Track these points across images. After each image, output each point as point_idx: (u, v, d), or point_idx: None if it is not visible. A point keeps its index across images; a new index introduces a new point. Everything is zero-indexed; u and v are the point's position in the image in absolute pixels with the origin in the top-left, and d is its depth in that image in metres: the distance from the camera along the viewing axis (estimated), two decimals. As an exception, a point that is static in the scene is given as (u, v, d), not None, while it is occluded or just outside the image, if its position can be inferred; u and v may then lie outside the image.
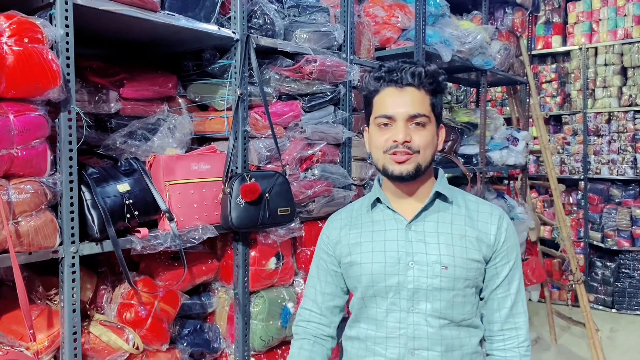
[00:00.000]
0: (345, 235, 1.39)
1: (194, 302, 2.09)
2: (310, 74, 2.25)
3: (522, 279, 1.38)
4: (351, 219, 1.42)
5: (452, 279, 1.28)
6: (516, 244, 1.37)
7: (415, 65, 1.28)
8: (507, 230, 1.35)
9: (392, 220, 1.35)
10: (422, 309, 1.29)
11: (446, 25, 3.14)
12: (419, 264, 1.29)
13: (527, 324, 1.37)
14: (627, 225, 5.54)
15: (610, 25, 5.75)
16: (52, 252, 1.53)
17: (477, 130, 3.61)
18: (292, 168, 2.21)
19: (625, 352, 4.40)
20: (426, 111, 1.28)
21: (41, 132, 1.47)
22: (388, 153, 1.27)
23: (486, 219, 1.34)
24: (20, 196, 1.43)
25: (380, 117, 1.29)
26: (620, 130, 5.68)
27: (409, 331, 1.29)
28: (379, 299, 1.32)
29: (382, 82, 1.30)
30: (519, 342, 1.35)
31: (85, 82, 1.89)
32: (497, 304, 1.35)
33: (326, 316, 1.46)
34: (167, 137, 1.99)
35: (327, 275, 1.45)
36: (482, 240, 1.32)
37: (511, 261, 1.35)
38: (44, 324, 1.56)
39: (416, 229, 1.32)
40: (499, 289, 1.35)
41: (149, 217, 1.82)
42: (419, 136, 1.27)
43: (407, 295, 1.29)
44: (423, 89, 1.28)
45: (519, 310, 1.36)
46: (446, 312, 1.29)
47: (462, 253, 1.29)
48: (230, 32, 2.00)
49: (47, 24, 1.47)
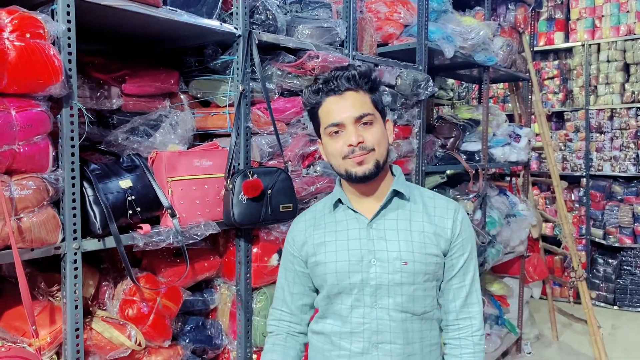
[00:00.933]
0: (310, 236, 1.45)
1: (196, 298, 2.08)
2: (312, 70, 2.24)
3: (476, 270, 1.44)
4: (315, 219, 1.47)
5: (412, 274, 1.34)
6: (471, 236, 1.43)
7: (348, 70, 1.34)
8: (462, 223, 1.41)
9: (353, 220, 1.40)
10: (385, 304, 1.35)
11: (449, 21, 3.13)
12: (381, 260, 1.34)
13: (482, 314, 1.44)
14: (629, 222, 5.53)
15: (613, 21, 5.73)
16: (54, 249, 1.53)
17: (479, 126, 3.61)
18: (294, 164, 2.21)
19: (627, 349, 4.40)
20: (370, 109, 1.34)
21: (43, 128, 1.47)
22: (348, 158, 1.32)
23: (442, 213, 1.40)
24: (23, 192, 1.42)
25: (330, 127, 1.34)
26: (623, 127, 5.66)
27: (373, 326, 1.35)
28: (344, 295, 1.38)
29: (322, 94, 1.36)
30: (473, 331, 1.41)
31: (87, 78, 1.88)
32: (453, 294, 1.42)
33: (296, 315, 1.52)
34: (169, 133, 1.99)
35: (294, 276, 1.50)
36: (439, 235, 1.38)
37: (466, 253, 1.41)
38: (46, 320, 1.56)
39: (377, 227, 1.38)
40: (454, 280, 1.41)
41: (151, 213, 1.81)
42: (370, 134, 1.33)
43: (370, 291, 1.35)
44: (361, 90, 1.35)
45: (473, 301, 1.42)
46: (407, 305, 1.35)
47: (421, 248, 1.35)
48: (233, 27, 1.99)
49: (49, 19, 1.46)
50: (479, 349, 1.41)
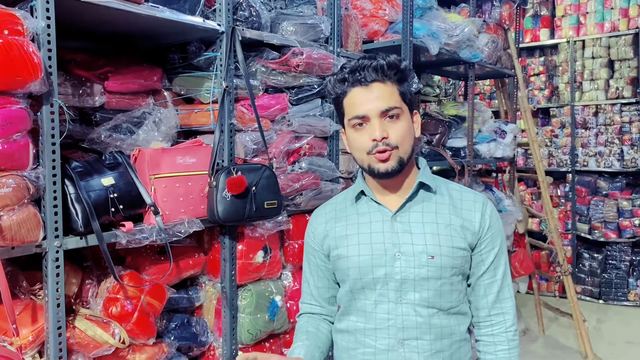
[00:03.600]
0: (332, 229, 1.40)
1: (181, 296, 2.08)
2: (297, 67, 2.24)
3: (507, 264, 1.39)
4: (335, 212, 1.43)
5: (439, 268, 1.29)
6: (500, 230, 1.38)
7: (376, 60, 1.28)
8: (491, 217, 1.36)
9: (377, 212, 1.35)
10: (411, 299, 1.30)
11: (434, 18, 3.14)
12: (406, 254, 1.29)
13: (514, 308, 1.39)
14: (614, 217, 5.59)
15: (598, 18, 5.78)
16: (35, 247, 1.51)
17: (465, 123, 3.62)
18: (279, 161, 2.21)
19: (611, 342, 4.45)
20: (397, 102, 1.28)
21: (23, 126, 1.45)
22: (371, 153, 1.27)
23: (470, 206, 1.35)
24: (2, 190, 1.41)
25: (354, 119, 1.29)
26: (607, 123, 5.72)
27: (398, 322, 1.30)
28: (367, 290, 1.33)
29: (347, 84, 1.30)
30: (507, 327, 1.36)
31: (69, 75, 1.87)
32: (484, 290, 1.36)
33: (325, 307, 1.48)
34: (153, 130, 1.98)
35: (317, 270, 1.46)
36: (466, 228, 1.32)
37: (496, 247, 1.36)
38: (28, 319, 1.55)
39: (401, 219, 1.33)
40: (485, 275, 1.36)
41: (134, 211, 1.80)
42: (395, 130, 1.27)
43: (395, 286, 1.30)
44: (389, 81, 1.28)
45: (506, 296, 1.37)
46: (434, 300, 1.30)
47: (448, 242, 1.30)
48: (216, 24, 1.99)
49: (27, 15, 1.45)
50: (513, 344, 1.37)
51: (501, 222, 1.40)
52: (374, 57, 1.29)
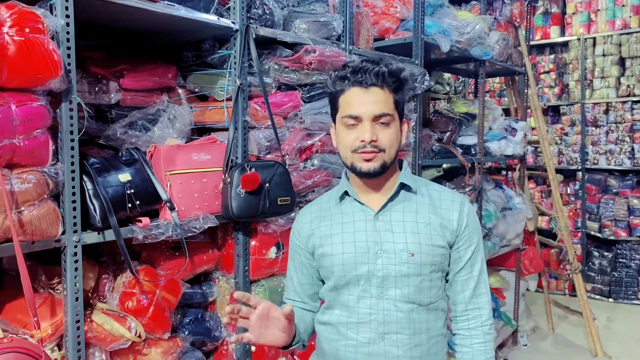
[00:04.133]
0: (317, 228, 1.46)
1: (195, 291, 2.10)
2: (309, 64, 2.26)
3: (484, 261, 1.46)
4: (320, 211, 1.49)
5: (419, 265, 1.35)
6: (477, 228, 1.45)
7: (379, 65, 1.33)
8: (469, 216, 1.42)
9: (360, 212, 1.41)
10: (392, 294, 1.36)
11: (445, 15, 3.14)
12: (387, 252, 1.36)
13: (490, 304, 1.46)
14: (625, 215, 5.57)
15: (609, 15, 5.75)
16: (54, 242, 1.54)
17: (475, 120, 3.63)
18: (291, 158, 2.22)
19: (621, 341, 4.44)
20: (390, 110, 1.34)
21: (43, 122, 1.48)
22: (357, 152, 1.33)
23: (448, 206, 1.42)
24: (23, 186, 1.44)
25: (347, 117, 1.34)
26: (618, 121, 5.69)
27: (380, 316, 1.36)
28: (350, 286, 1.39)
29: (347, 82, 1.34)
30: (482, 321, 1.43)
31: (86, 73, 1.89)
32: (461, 285, 1.43)
33: (307, 303, 1.55)
34: (168, 127, 2.00)
35: (302, 267, 1.52)
36: (445, 227, 1.39)
37: (473, 245, 1.42)
38: (47, 313, 1.58)
39: (383, 219, 1.39)
40: (462, 272, 1.42)
41: (150, 206, 1.83)
42: (384, 135, 1.33)
43: (377, 282, 1.36)
44: (387, 88, 1.34)
45: (482, 291, 1.44)
46: (414, 296, 1.36)
47: (428, 240, 1.37)
48: (230, 22, 2.00)
49: (47, 14, 1.47)
50: (489, 338, 1.43)
51: (478, 221, 1.48)
52: (377, 62, 1.34)
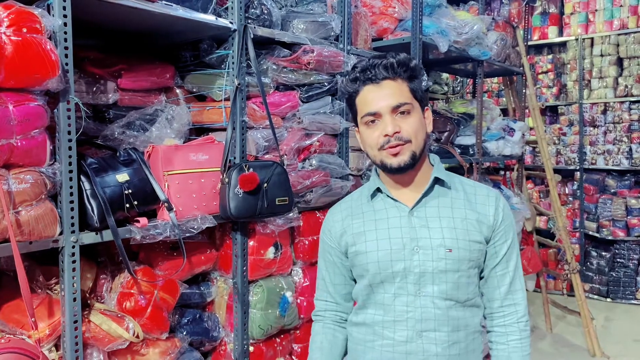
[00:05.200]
0: (349, 226, 1.43)
1: (193, 291, 2.10)
2: (307, 64, 2.26)
3: (519, 257, 1.43)
4: (352, 209, 1.46)
5: (457, 261, 1.33)
6: (512, 223, 1.42)
7: (386, 58, 1.32)
8: (504, 211, 1.40)
9: (393, 208, 1.39)
10: (429, 291, 1.33)
11: (443, 15, 3.15)
12: (424, 248, 1.33)
13: (526, 299, 1.43)
14: (623, 215, 5.58)
15: (607, 15, 5.76)
16: (52, 242, 1.54)
17: (473, 120, 3.63)
18: (290, 158, 2.22)
19: (619, 340, 4.45)
20: (407, 99, 1.32)
21: (40, 122, 1.48)
22: (383, 149, 1.31)
23: (484, 201, 1.39)
24: (21, 186, 1.43)
25: (366, 116, 1.33)
26: (616, 121, 5.70)
27: (417, 314, 1.33)
28: (386, 284, 1.36)
29: (359, 83, 1.34)
30: (518, 317, 1.40)
31: (83, 73, 1.89)
32: (497, 281, 1.40)
33: (340, 304, 1.51)
34: (165, 127, 2.00)
35: (334, 267, 1.49)
36: (482, 222, 1.36)
37: (509, 240, 1.40)
38: (45, 313, 1.58)
39: (418, 214, 1.36)
40: (498, 267, 1.40)
41: (148, 207, 1.82)
42: (407, 124, 1.31)
43: (413, 279, 1.33)
44: (399, 78, 1.33)
45: (517, 287, 1.41)
46: (452, 293, 1.34)
47: (465, 235, 1.34)
48: (228, 22, 2.00)
49: (45, 14, 1.47)
50: (525, 334, 1.40)
51: (513, 217, 1.44)
52: (384, 56, 1.33)
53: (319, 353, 1.47)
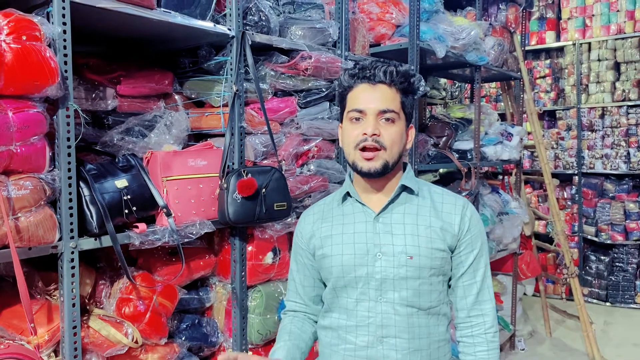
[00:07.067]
0: (318, 229, 1.46)
1: (192, 296, 2.11)
2: (305, 70, 2.27)
3: (488, 267, 1.43)
4: (323, 213, 1.49)
5: (418, 268, 1.34)
6: (481, 233, 1.42)
7: (388, 65, 1.35)
8: (471, 220, 1.40)
9: (360, 213, 1.41)
10: (390, 297, 1.35)
11: (440, 21, 3.16)
12: (386, 254, 1.35)
13: (494, 310, 1.43)
14: (621, 219, 5.58)
15: (604, 20, 5.78)
16: (51, 248, 1.55)
17: (471, 125, 3.64)
18: (288, 163, 2.23)
19: (619, 344, 4.45)
20: (396, 108, 1.34)
21: (40, 129, 1.49)
22: (358, 148, 1.33)
23: (450, 209, 1.40)
24: (20, 192, 1.44)
25: (353, 111, 1.35)
26: (614, 125, 5.72)
27: (378, 319, 1.35)
28: (349, 289, 1.38)
29: (356, 79, 1.37)
30: (486, 328, 1.40)
31: (82, 79, 1.90)
32: (463, 291, 1.41)
33: (309, 306, 1.53)
34: (164, 133, 2.01)
35: (304, 269, 1.51)
36: (446, 230, 1.37)
37: (476, 249, 1.40)
38: (44, 319, 1.58)
39: (383, 221, 1.38)
40: (465, 277, 1.40)
41: (146, 212, 1.83)
42: (387, 132, 1.33)
43: (375, 285, 1.35)
44: (394, 86, 1.35)
45: (485, 298, 1.41)
46: (413, 300, 1.35)
47: (427, 243, 1.35)
48: (226, 29, 2.02)
49: (44, 21, 1.48)
50: (493, 346, 1.40)
51: (482, 226, 1.44)
52: (387, 62, 1.36)
53: (287, 336, 1.47)
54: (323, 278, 1.47)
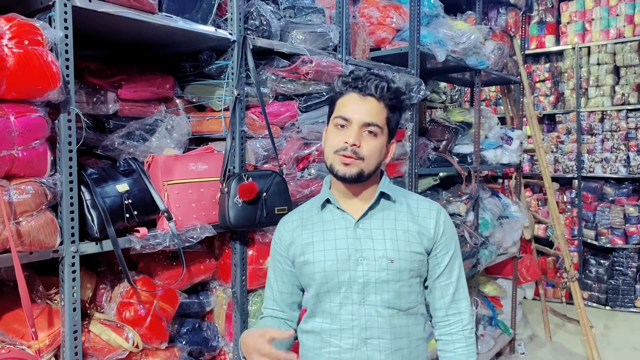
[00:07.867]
0: (298, 236, 1.48)
1: (193, 301, 2.10)
2: (306, 75, 2.27)
3: (462, 267, 1.50)
4: (302, 220, 1.51)
5: (398, 271, 1.39)
6: (454, 235, 1.49)
7: (381, 79, 1.38)
8: (445, 223, 1.47)
9: (341, 220, 1.44)
10: (373, 300, 1.39)
11: (440, 25, 3.17)
12: (368, 259, 1.39)
13: (470, 308, 1.50)
14: (621, 223, 5.59)
15: (603, 24, 5.80)
16: (52, 252, 1.54)
17: (471, 129, 3.64)
18: (288, 167, 2.23)
19: (618, 348, 4.45)
20: (380, 122, 1.38)
21: (41, 133, 1.49)
22: (338, 153, 1.37)
23: (425, 214, 1.46)
24: (21, 196, 1.44)
25: (339, 118, 1.39)
26: (613, 129, 5.73)
27: (362, 322, 1.39)
28: (332, 294, 1.42)
29: (348, 87, 1.40)
30: (463, 325, 1.47)
31: (84, 84, 1.90)
32: (440, 291, 1.47)
33: (286, 312, 1.55)
34: (165, 137, 2.01)
35: (282, 275, 1.53)
36: (423, 234, 1.43)
37: (450, 251, 1.47)
38: (44, 323, 1.58)
39: (364, 226, 1.42)
40: (441, 278, 1.47)
41: (147, 216, 1.83)
42: (368, 144, 1.37)
43: (358, 289, 1.39)
44: (383, 101, 1.39)
45: (461, 297, 1.48)
46: (394, 302, 1.40)
47: (406, 247, 1.40)
48: (227, 33, 2.02)
49: (46, 26, 1.48)
50: (470, 342, 1.46)
51: (454, 229, 1.51)
52: (382, 77, 1.40)
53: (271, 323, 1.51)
54: (303, 284, 1.50)
